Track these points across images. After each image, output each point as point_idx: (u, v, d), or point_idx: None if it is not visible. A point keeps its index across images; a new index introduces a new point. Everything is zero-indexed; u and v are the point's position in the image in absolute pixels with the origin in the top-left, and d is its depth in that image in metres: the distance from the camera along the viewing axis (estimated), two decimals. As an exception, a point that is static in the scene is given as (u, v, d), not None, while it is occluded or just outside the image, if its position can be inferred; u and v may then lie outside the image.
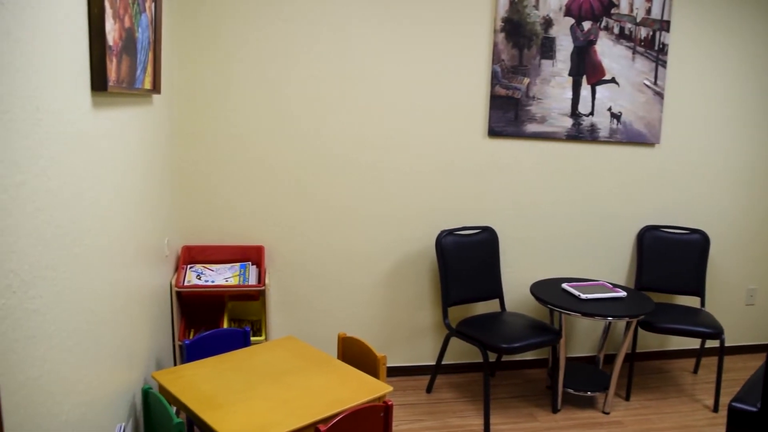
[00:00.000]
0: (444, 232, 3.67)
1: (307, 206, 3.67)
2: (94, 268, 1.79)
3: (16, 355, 1.23)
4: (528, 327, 3.51)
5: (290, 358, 2.61)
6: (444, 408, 3.62)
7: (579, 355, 4.33)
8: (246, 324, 3.57)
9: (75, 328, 1.60)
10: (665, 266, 4.10)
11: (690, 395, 3.90)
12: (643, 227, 4.17)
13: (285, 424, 2.06)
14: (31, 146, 1.31)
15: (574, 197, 4.05)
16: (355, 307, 3.87)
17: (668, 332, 3.66)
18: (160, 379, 2.36)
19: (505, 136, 3.84)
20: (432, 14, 3.62)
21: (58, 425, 1.47)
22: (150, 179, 2.68)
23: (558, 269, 4.14)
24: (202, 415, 2.11)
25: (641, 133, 4.02)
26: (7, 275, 1.18)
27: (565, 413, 3.61)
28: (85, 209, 1.71)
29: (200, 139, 3.46)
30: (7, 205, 1.18)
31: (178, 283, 3.24)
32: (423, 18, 3.61)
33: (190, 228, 3.55)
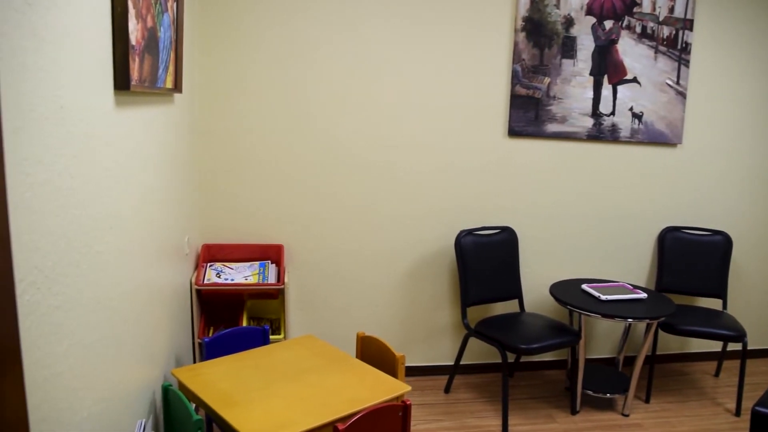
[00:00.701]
0: (463, 232, 3.66)
1: (327, 205, 3.67)
2: (116, 266, 1.81)
3: (40, 351, 1.24)
4: (547, 328, 3.49)
5: (309, 357, 2.62)
6: (462, 408, 3.61)
7: (598, 356, 4.29)
8: (265, 322, 3.59)
9: (96, 324, 1.62)
10: (686, 268, 4.06)
11: (711, 398, 3.85)
12: (664, 228, 4.13)
13: (303, 423, 2.06)
14: (55, 144, 1.32)
15: (595, 197, 4.01)
16: (373, 306, 3.87)
17: (689, 334, 3.62)
18: (179, 377, 2.38)
19: (525, 136, 3.82)
20: (452, 13, 3.61)
21: (80, 420, 1.48)
22: (171, 178, 2.70)
23: (578, 270, 4.11)
24: (221, 412, 2.12)
25: (663, 133, 3.98)
26: (31, 272, 1.20)
27: (584, 415, 3.58)
28: (107, 208, 1.72)
29: (220, 138, 3.48)
30: (31, 202, 1.19)
31: (198, 281, 3.27)
32: (443, 17, 3.61)
33: (210, 226, 3.58)
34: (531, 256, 4.01)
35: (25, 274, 1.16)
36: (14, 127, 1.10)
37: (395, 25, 3.56)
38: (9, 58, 1.08)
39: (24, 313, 1.16)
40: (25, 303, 1.16)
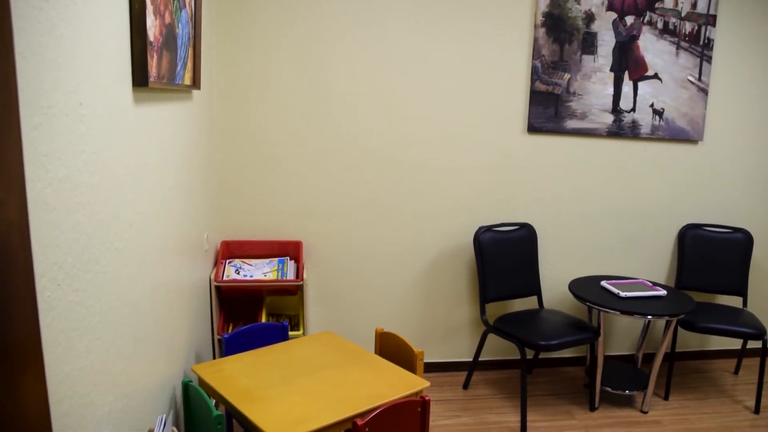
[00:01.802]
0: (482, 228, 3.64)
1: (346, 202, 3.67)
2: (135, 263, 1.82)
3: (61, 347, 1.25)
4: (566, 324, 3.47)
5: (328, 353, 2.62)
6: (481, 404, 3.60)
7: (617, 353, 4.26)
8: (284, 318, 3.60)
9: (117, 321, 1.63)
10: (707, 265, 4.01)
11: (730, 396, 3.81)
12: (685, 225, 4.08)
13: (322, 418, 2.07)
14: (74, 141, 1.33)
15: (614, 194, 3.97)
16: (392, 302, 3.86)
17: (709, 332, 3.57)
18: (199, 373, 2.39)
19: (544, 132, 3.79)
20: (472, 9, 3.59)
21: (101, 415, 1.50)
22: (190, 174, 2.71)
23: (597, 267, 4.07)
24: (241, 407, 2.13)
25: (684, 130, 3.93)
26: (51, 268, 1.20)
27: (603, 411, 3.56)
28: (126, 204, 1.73)
29: (239, 134, 3.49)
30: (51, 199, 1.20)
31: (217, 277, 3.28)
32: (463, 13, 3.58)
33: (229, 223, 3.59)
34: (550, 253, 3.99)
35: (45, 270, 1.17)
36: (33, 123, 1.10)
37: (415, 22, 3.55)
38: (27, 54, 1.09)
39: (44, 309, 1.17)
40: (45, 299, 1.17)
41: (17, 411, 0.80)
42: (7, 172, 0.77)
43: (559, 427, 3.38)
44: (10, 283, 0.78)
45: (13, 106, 0.79)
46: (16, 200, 0.80)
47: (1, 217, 0.75)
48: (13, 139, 0.79)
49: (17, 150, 0.81)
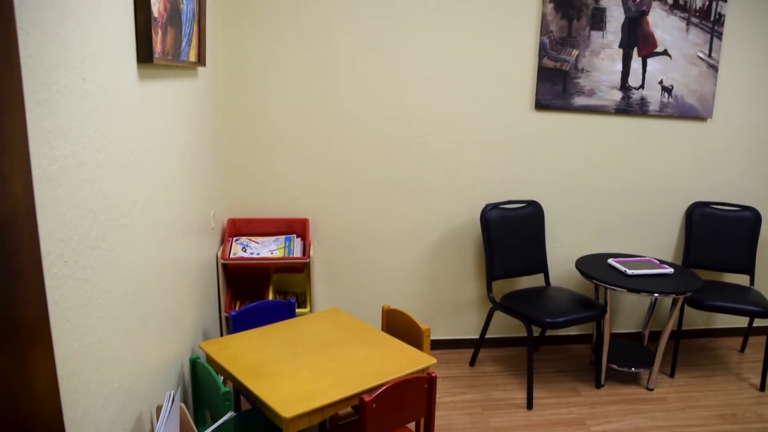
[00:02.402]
0: (489, 206, 3.63)
1: (352, 179, 3.66)
2: (142, 240, 1.82)
3: (69, 324, 1.26)
4: (573, 302, 3.47)
5: (335, 330, 2.63)
6: (487, 381, 3.61)
7: (624, 331, 4.26)
8: (291, 296, 3.61)
9: (124, 298, 1.63)
10: (714, 243, 3.99)
11: (736, 374, 3.81)
12: (692, 203, 4.05)
13: (330, 394, 2.08)
14: (79, 118, 1.32)
15: (622, 172, 3.95)
16: (399, 279, 3.87)
17: (716, 310, 3.57)
18: (207, 350, 2.40)
19: (552, 110, 3.76)
20: (477, -17, 3.54)
21: (110, 390, 1.51)
22: (196, 152, 2.70)
23: (604, 245, 4.06)
24: (249, 384, 2.14)
25: (693, 107, 3.89)
26: (59, 245, 1.20)
27: (609, 389, 3.57)
28: (132, 181, 1.73)
29: (245, 111, 3.48)
30: (56, 176, 1.20)
31: (224, 255, 3.29)
32: (468, -13, 3.54)
33: (236, 201, 3.59)
34: (557, 230, 3.98)
35: (52, 247, 1.17)
36: (37, 99, 1.10)
37: (419, -5, 3.51)
38: (30, 29, 1.07)
39: (52, 286, 1.17)
40: (52, 276, 1.17)
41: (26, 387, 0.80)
42: (11, 148, 0.76)
43: (565, 403, 3.39)
44: (17, 260, 0.78)
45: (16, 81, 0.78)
46: (21, 176, 0.79)
47: (7, 193, 0.75)
48: (17, 115, 0.79)
49: (21, 125, 0.80)
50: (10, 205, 0.76)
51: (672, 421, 3.25)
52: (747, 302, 3.55)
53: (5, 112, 0.75)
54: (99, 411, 1.42)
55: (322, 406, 2.03)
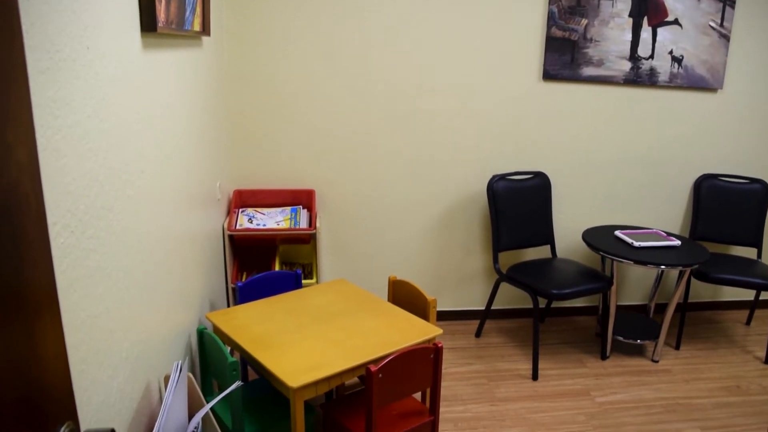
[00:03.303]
0: (496, 177, 3.61)
1: (359, 150, 3.64)
2: (148, 211, 1.82)
3: (77, 293, 1.26)
4: (579, 274, 3.47)
5: (341, 301, 2.63)
6: (493, 352, 3.63)
7: (630, 303, 4.27)
8: (297, 267, 3.62)
9: (131, 268, 1.64)
10: (722, 216, 3.97)
11: (741, 346, 3.82)
12: (701, 176, 4.02)
13: (336, 364, 2.09)
14: (83, 87, 1.31)
15: (630, 143, 3.92)
16: (405, 251, 3.87)
17: (722, 282, 3.56)
18: (214, 320, 2.42)
19: (560, 80, 3.72)
20: (485, -50, 3.48)
21: (119, 360, 1.51)
22: (201, 123, 2.69)
23: (611, 217, 4.05)
24: (256, 354, 2.15)
25: (703, 78, 3.84)
26: (65, 215, 1.20)
27: (614, 360, 3.58)
28: (138, 151, 1.72)
29: (250, 82, 3.45)
30: (61, 145, 1.19)
31: (230, 226, 3.29)
32: (476, -46, 3.48)
33: (242, 172, 3.58)
34: (564, 202, 3.96)
35: (58, 218, 1.17)
36: (40, 67, 1.08)
37: (426, -37, 3.45)
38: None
39: (59, 256, 1.17)
40: (59, 246, 1.17)
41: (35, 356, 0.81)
42: (15, 116, 0.75)
43: (571, 374, 3.41)
44: (23, 228, 0.77)
45: (18, 48, 0.77)
46: (26, 144, 0.78)
47: (11, 161, 0.74)
48: (20, 83, 0.78)
49: (24, 93, 0.79)
50: (15, 174, 0.75)
51: (676, 393, 3.26)
52: (754, 275, 3.54)
53: (7, 79, 0.74)
54: (107, 380, 1.43)
55: (329, 376, 2.04)
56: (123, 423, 1.54)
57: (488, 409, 3.07)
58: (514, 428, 2.91)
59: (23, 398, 0.76)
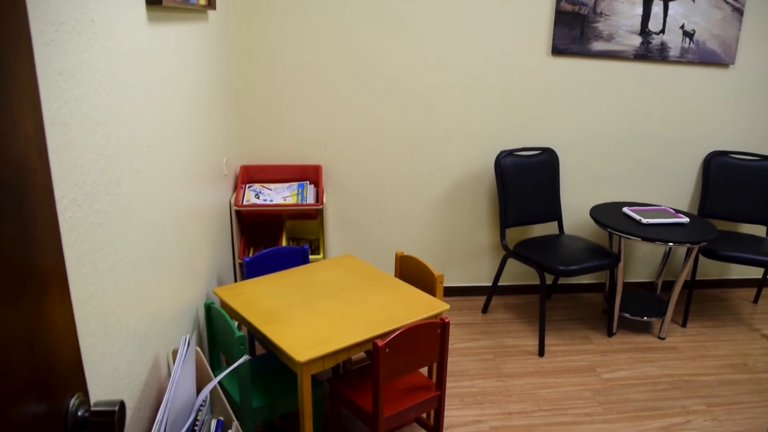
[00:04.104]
0: (503, 153, 3.59)
1: (366, 126, 3.63)
2: (155, 185, 1.82)
3: (85, 267, 1.26)
4: (586, 250, 3.46)
5: (348, 276, 2.64)
6: (499, 328, 3.64)
7: (637, 280, 4.26)
8: (304, 242, 3.62)
9: (139, 243, 1.64)
10: (731, 193, 3.94)
11: (748, 324, 3.82)
12: (710, 153, 3.99)
13: (343, 339, 2.10)
14: (88, 60, 1.30)
15: (639, 119, 3.88)
16: (412, 226, 3.87)
17: (730, 260, 3.55)
18: (221, 295, 2.43)
19: (569, 55, 3.67)
20: None
21: (127, 334, 1.52)
22: (208, 98, 2.68)
23: (619, 193, 4.03)
24: (263, 329, 2.16)
25: (715, 53, 3.78)
26: (72, 189, 1.20)
27: (620, 337, 3.59)
28: (144, 126, 1.71)
29: (257, 57, 3.43)
30: (67, 119, 1.18)
31: (237, 202, 3.29)
32: (485, -74, 3.42)
33: (248, 147, 3.57)
34: (572, 178, 3.94)
35: (65, 191, 1.17)
36: (44, 39, 1.07)
37: (435, -65, 3.40)
38: (38, -33, 1.05)
39: (66, 230, 1.17)
40: (67, 220, 1.17)
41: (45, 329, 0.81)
42: (20, 88, 0.74)
43: (577, 351, 3.42)
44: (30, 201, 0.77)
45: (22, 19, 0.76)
46: (32, 116, 0.78)
47: (18, 134, 0.73)
48: (24, 54, 0.77)
49: (30, 65, 0.78)
50: (22, 146, 0.74)
51: (682, 370, 3.27)
52: (762, 253, 3.53)
53: (11, 51, 0.73)
54: (116, 353, 1.44)
55: (336, 350, 2.05)
56: (132, 396, 1.55)
57: (494, 384, 3.08)
58: (520, 404, 2.93)
59: (34, 370, 0.76)
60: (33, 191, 0.78)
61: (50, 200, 0.85)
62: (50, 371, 0.82)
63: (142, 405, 1.64)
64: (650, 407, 2.93)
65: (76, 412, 0.87)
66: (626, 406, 2.94)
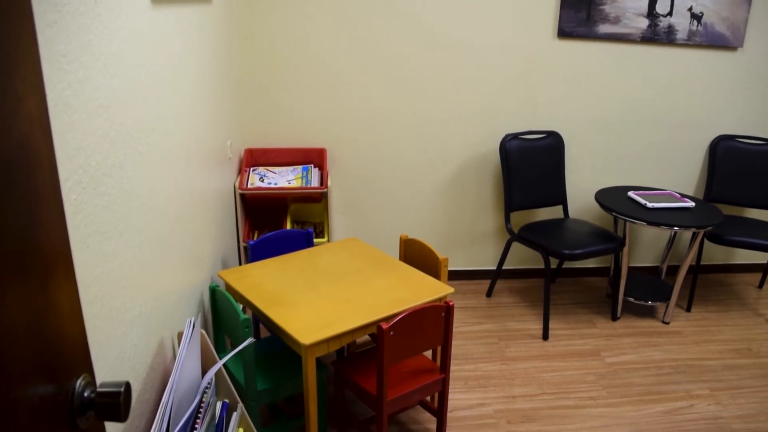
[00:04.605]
0: (508, 136, 3.58)
1: (370, 109, 3.61)
2: (159, 168, 1.81)
3: (90, 249, 1.26)
4: (591, 234, 3.45)
5: (353, 259, 2.64)
6: (504, 312, 3.65)
7: (642, 265, 4.26)
8: (309, 226, 3.62)
9: (143, 226, 1.64)
10: (737, 178, 3.92)
11: (753, 309, 3.81)
12: (717, 137, 3.96)
13: (348, 322, 2.10)
14: (92, 41, 1.29)
15: (646, 103, 3.85)
16: (416, 210, 3.86)
17: (736, 245, 3.54)
18: (226, 278, 2.43)
19: (575, 38, 3.64)
20: None
21: (132, 317, 1.53)
22: (211, 81, 2.66)
23: (625, 177, 4.01)
24: (268, 312, 2.17)
25: (723, 36, 3.75)
26: (76, 171, 1.20)
27: (625, 321, 3.59)
28: (148, 109, 1.71)
29: (260, 41, 3.41)
30: (71, 101, 1.18)
31: (241, 185, 3.29)
32: None
33: (252, 131, 3.56)
34: (577, 162, 3.92)
35: (70, 174, 1.16)
36: (47, 20, 1.07)
37: None
38: (40, -53, 1.04)
39: (72, 212, 1.17)
40: (72, 202, 1.17)
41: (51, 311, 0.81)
42: (24, 68, 0.74)
43: (581, 335, 3.42)
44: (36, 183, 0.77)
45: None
46: (35, 96, 0.77)
47: (21, 113, 0.73)
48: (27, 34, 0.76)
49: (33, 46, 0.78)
50: (26, 127, 0.74)
51: (686, 354, 3.27)
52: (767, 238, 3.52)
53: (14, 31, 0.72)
54: (121, 336, 1.44)
55: (340, 333, 2.06)
56: (137, 378, 1.56)
57: (498, 367, 3.09)
58: (523, 387, 2.93)
59: (40, 351, 0.77)
60: (38, 172, 0.78)
61: (55, 181, 0.85)
62: (56, 352, 0.82)
63: (148, 387, 1.65)
64: (654, 391, 2.94)
65: (83, 393, 0.87)
66: (630, 390, 2.94)
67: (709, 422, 2.73)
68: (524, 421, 2.69)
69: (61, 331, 0.84)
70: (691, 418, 2.75)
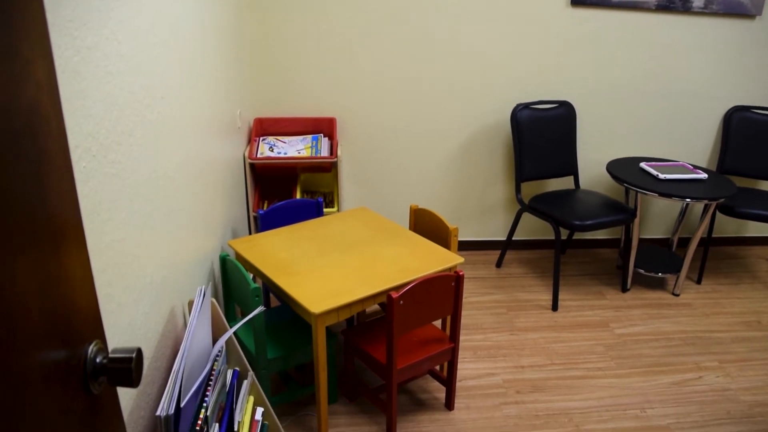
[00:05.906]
0: (520, 106, 3.54)
1: (380, 77, 3.58)
2: (169, 136, 1.80)
3: (100, 217, 1.26)
4: (602, 205, 3.43)
5: (363, 229, 2.64)
6: (513, 282, 3.65)
7: (653, 236, 4.23)
8: (318, 195, 3.61)
9: (153, 194, 1.63)
10: (752, 149, 3.87)
11: (764, 282, 3.79)
12: (732, 108, 3.90)
13: (358, 291, 2.11)
14: (100, 7, 1.28)
15: (660, 72, 3.79)
16: (427, 179, 3.85)
17: (748, 217, 3.50)
18: (236, 247, 2.43)
19: (589, 5, 3.58)
20: None
21: (143, 285, 1.53)
22: (220, 49, 2.64)
23: (637, 148, 3.97)
24: (278, 281, 2.17)
25: (741, 3, 3.67)
26: (86, 138, 1.19)
27: (635, 293, 3.58)
28: (157, 76, 1.69)
29: (271, 8, 3.36)
30: (80, 67, 1.16)
31: (251, 155, 3.28)
32: None
33: (262, 100, 3.54)
34: (589, 132, 3.88)
35: (79, 141, 1.16)
36: (57, -16, 1.05)
37: None
38: None
39: (81, 180, 1.16)
40: (81, 170, 1.16)
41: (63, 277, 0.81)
42: (30, 31, 0.73)
43: (590, 306, 3.42)
44: (45, 150, 0.76)
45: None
46: (43, 61, 0.76)
47: (30, 78, 0.72)
48: None
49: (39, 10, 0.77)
50: (34, 92, 0.73)
51: (696, 326, 3.27)
52: (781, 208, 3.49)
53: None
54: (132, 304, 1.45)
55: (350, 302, 2.06)
56: (149, 346, 1.57)
57: (507, 338, 3.10)
58: (532, 357, 2.94)
59: (53, 317, 0.77)
60: (47, 139, 0.78)
61: (64, 149, 0.85)
62: (69, 319, 0.82)
63: (159, 355, 1.66)
64: (663, 362, 2.94)
65: (95, 359, 0.88)
66: (638, 361, 2.95)
67: (717, 394, 2.74)
68: (533, 391, 2.70)
69: (72, 298, 0.85)
70: (699, 390, 2.76)
